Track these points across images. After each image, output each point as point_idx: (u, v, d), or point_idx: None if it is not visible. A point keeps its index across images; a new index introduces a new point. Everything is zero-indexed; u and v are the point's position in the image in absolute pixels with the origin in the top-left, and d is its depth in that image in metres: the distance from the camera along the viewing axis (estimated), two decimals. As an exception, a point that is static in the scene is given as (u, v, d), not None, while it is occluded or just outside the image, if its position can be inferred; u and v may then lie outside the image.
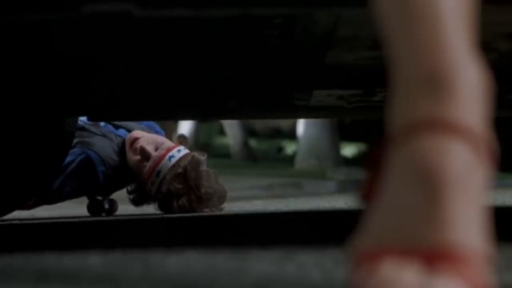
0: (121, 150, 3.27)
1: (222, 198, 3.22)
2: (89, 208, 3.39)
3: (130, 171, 3.23)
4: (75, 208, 3.96)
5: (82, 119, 3.07)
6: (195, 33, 1.64)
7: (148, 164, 3.16)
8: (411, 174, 0.61)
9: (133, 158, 3.21)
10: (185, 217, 2.79)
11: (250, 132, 16.71)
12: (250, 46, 1.73)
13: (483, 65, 0.66)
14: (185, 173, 3.14)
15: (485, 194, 0.62)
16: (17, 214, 3.13)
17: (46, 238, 1.92)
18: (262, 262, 1.05)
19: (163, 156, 3.18)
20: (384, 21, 0.66)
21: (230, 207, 3.53)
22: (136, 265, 1.06)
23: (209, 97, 2.16)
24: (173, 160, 3.17)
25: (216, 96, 2.15)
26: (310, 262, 1.02)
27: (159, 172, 3.16)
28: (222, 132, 16.24)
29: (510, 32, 1.41)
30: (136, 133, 3.29)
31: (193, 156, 3.19)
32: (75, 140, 3.16)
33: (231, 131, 14.53)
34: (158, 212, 3.23)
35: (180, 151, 3.22)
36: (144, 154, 3.18)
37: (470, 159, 0.61)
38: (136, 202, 3.30)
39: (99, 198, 3.37)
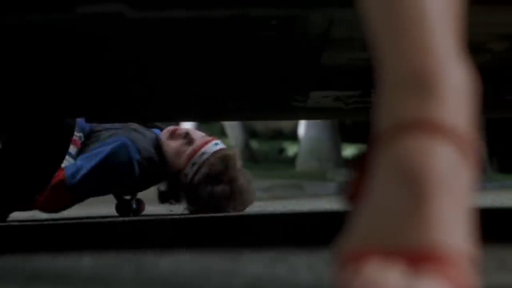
0: (155, 145, 3.28)
1: (248, 201, 3.26)
2: (118, 208, 3.39)
3: (163, 167, 3.23)
4: (70, 210, 3.94)
5: None
6: (193, 34, 1.64)
7: (191, 147, 3.21)
8: (396, 175, 0.61)
9: (173, 144, 3.24)
10: (183, 219, 2.79)
11: (251, 134, 16.71)
12: (246, 48, 1.73)
13: (470, 66, 0.65)
14: (228, 162, 3.19)
15: (470, 194, 0.62)
16: (17, 215, 3.13)
17: (41, 239, 1.92)
18: (254, 263, 1.05)
19: (208, 141, 3.26)
20: (371, 22, 0.66)
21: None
22: (128, 267, 1.05)
23: (207, 99, 2.16)
24: (217, 147, 3.25)
25: (214, 97, 2.15)
26: (301, 263, 1.02)
27: (203, 153, 3.20)
28: (223, 133, 16.25)
29: (503, 33, 1.41)
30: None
31: (233, 152, 3.28)
32: (107, 133, 3.18)
33: (232, 132, 14.53)
34: (186, 210, 3.23)
35: (219, 144, 3.30)
36: (188, 138, 3.23)
37: (455, 160, 0.61)
38: (165, 195, 3.30)
39: (127, 197, 3.37)
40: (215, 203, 3.16)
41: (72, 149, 3.14)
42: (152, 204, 3.42)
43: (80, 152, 3.17)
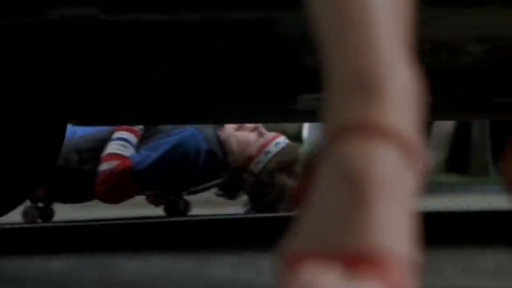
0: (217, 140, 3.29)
1: None
2: (166, 208, 3.45)
3: (223, 162, 3.24)
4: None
5: None
6: (182, 37, 1.64)
7: (263, 138, 3.29)
8: (338, 177, 0.61)
9: (242, 135, 3.28)
10: (176, 221, 2.79)
11: (256, 136, 16.68)
12: (233, 50, 1.73)
13: (416, 69, 0.65)
14: (298, 156, 3.29)
15: (413, 198, 0.61)
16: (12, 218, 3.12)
17: (12, 242, 1.91)
18: (220, 266, 1.05)
19: (277, 135, 3.36)
20: (318, 22, 0.66)
21: (235, 210, 3.54)
22: (95, 270, 1.05)
23: (203, 101, 2.16)
24: (288, 141, 3.35)
25: (206, 100, 2.15)
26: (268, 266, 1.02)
27: (278, 143, 3.29)
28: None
29: (481, 36, 1.40)
30: None
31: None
32: (169, 125, 3.20)
33: (237, 134, 14.50)
34: (245, 206, 3.25)
35: (287, 140, 3.39)
36: (259, 130, 3.31)
37: (397, 163, 0.61)
38: (226, 187, 3.32)
39: (174, 198, 3.41)
40: (286, 195, 3.19)
41: (133, 139, 3.17)
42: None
43: (140, 143, 3.18)
